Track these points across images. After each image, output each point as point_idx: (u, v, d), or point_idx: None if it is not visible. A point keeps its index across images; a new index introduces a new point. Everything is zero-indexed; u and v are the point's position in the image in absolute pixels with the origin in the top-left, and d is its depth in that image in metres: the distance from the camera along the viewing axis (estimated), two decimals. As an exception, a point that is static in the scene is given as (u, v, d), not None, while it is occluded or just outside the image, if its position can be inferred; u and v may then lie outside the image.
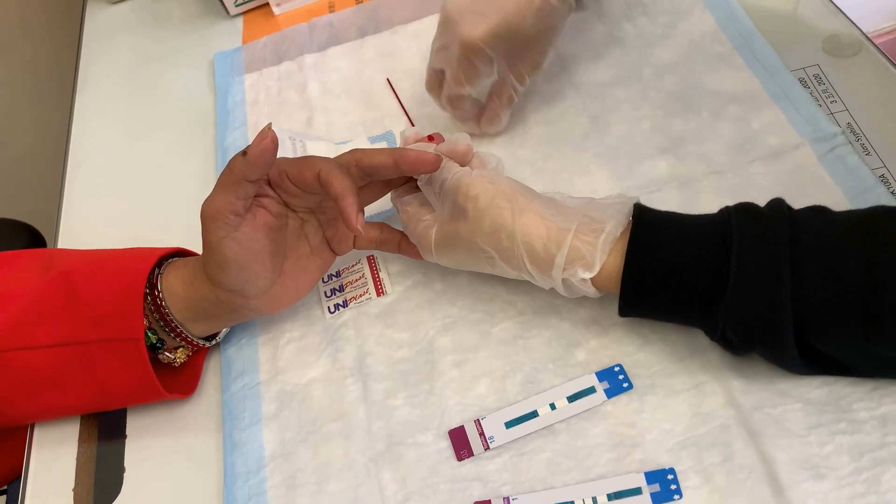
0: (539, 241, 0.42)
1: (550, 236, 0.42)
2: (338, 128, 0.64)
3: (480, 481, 0.43)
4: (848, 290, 0.36)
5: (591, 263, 0.41)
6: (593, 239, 0.41)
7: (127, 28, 0.82)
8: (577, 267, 0.41)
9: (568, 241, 0.41)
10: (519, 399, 0.45)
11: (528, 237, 0.42)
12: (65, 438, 0.51)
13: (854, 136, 0.53)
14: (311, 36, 0.72)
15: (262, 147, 0.41)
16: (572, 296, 0.44)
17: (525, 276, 0.44)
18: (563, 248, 0.41)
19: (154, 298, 0.46)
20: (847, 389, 0.41)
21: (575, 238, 0.42)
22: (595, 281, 0.42)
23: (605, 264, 0.41)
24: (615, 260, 0.41)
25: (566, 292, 0.44)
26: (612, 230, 0.41)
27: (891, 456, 0.39)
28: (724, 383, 0.43)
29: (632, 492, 0.41)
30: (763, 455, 0.40)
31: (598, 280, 0.42)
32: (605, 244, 0.41)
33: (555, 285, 0.43)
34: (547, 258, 0.42)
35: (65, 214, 0.66)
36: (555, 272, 0.42)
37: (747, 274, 0.38)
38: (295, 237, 0.48)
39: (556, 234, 0.42)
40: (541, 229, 0.42)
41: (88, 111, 0.75)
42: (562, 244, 0.41)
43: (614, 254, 0.41)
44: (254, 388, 0.50)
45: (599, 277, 0.42)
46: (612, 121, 0.57)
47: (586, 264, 0.41)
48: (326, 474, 0.45)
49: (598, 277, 0.42)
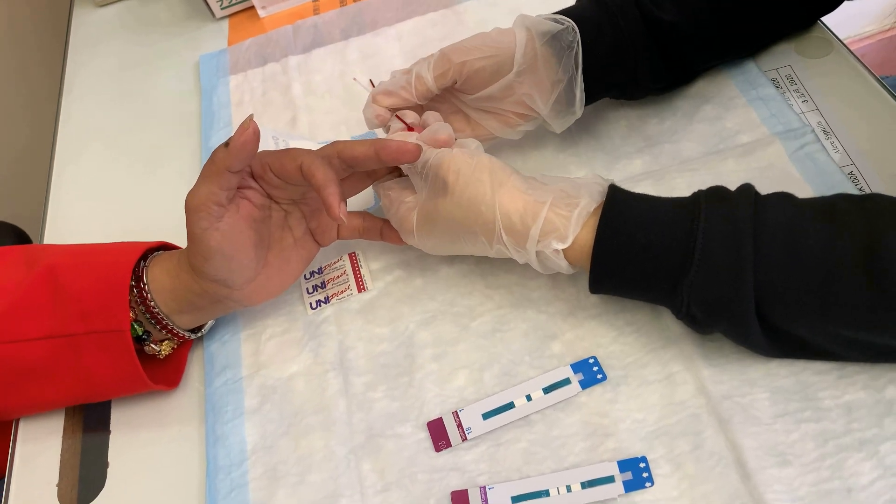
0: (516, 214, 0.43)
1: (527, 209, 0.43)
2: (321, 128, 0.65)
3: (458, 471, 0.44)
4: (808, 270, 0.38)
5: (564, 235, 0.42)
6: (567, 212, 0.43)
7: (113, 31, 0.83)
8: (551, 239, 0.43)
9: (543, 214, 0.43)
10: (496, 391, 0.46)
11: (505, 209, 0.43)
12: (49, 433, 0.52)
13: (825, 135, 0.54)
14: (296, 38, 0.73)
15: (243, 138, 0.42)
16: (546, 271, 0.45)
17: (502, 250, 0.45)
18: (539, 220, 0.43)
19: (140, 291, 0.47)
20: (813, 378, 0.42)
21: (550, 211, 0.43)
22: (567, 254, 0.43)
23: (577, 238, 0.42)
24: (587, 235, 0.42)
25: (540, 267, 0.45)
26: (587, 205, 0.43)
27: (854, 442, 0.40)
28: (695, 373, 0.44)
29: (605, 480, 0.42)
30: (732, 442, 0.41)
31: (570, 253, 0.43)
32: (578, 217, 0.42)
33: (529, 258, 0.44)
34: (523, 230, 0.43)
35: (51, 216, 0.67)
36: (529, 244, 0.43)
37: (711, 252, 0.39)
38: (278, 228, 0.49)
39: (532, 207, 0.43)
40: (518, 203, 0.43)
41: (75, 113, 0.75)
42: (537, 217, 0.43)
43: (587, 228, 0.42)
44: (236, 383, 0.51)
45: (572, 250, 0.43)
46: (590, 121, 0.58)
47: (560, 236, 0.42)
48: (307, 466, 0.46)
49: (570, 250, 0.43)
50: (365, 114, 0.52)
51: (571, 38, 0.49)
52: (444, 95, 0.53)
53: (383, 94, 0.51)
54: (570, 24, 0.50)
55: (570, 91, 0.51)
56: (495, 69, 0.50)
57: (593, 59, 0.50)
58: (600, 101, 0.56)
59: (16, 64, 1.08)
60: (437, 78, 0.50)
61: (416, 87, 0.51)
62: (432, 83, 0.50)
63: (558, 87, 0.50)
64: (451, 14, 0.71)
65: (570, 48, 0.49)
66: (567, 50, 0.49)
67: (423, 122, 0.52)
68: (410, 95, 0.51)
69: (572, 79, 0.50)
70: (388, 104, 0.51)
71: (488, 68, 0.50)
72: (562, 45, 0.50)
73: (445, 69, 0.50)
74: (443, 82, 0.50)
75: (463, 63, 0.50)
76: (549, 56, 0.50)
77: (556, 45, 0.50)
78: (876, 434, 0.40)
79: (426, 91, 0.51)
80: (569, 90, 0.50)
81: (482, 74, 0.50)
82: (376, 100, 0.52)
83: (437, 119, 0.52)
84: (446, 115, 0.54)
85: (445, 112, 0.54)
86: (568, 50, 0.49)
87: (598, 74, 0.51)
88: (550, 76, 0.50)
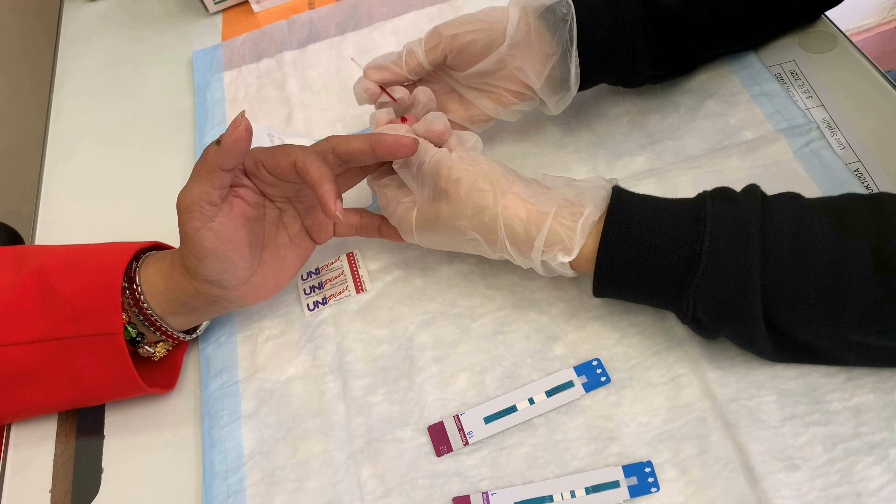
0: (520, 224, 0.42)
1: (531, 219, 0.42)
2: (317, 124, 0.64)
3: (459, 476, 0.43)
4: (816, 273, 0.37)
5: (569, 248, 0.42)
6: (572, 223, 0.42)
7: (105, 26, 0.82)
8: (556, 251, 0.42)
9: (547, 225, 0.42)
10: (498, 394, 0.46)
11: (509, 219, 0.43)
12: (42, 438, 0.51)
13: (830, 131, 0.53)
14: (291, 33, 0.72)
15: (235, 135, 0.41)
16: (550, 275, 0.45)
17: (506, 256, 0.45)
18: (543, 231, 0.42)
19: (132, 292, 0.46)
20: (821, 381, 0.42)
21: (554, 221, 0.42)
22: (573, 262, 0.43)
23: (582, 247, 0.42)
24: (593, 242, 0.42)
25: (544, 272, 0.44)
26: (591, 214, 0.42)
27: (863, 446, 0.39)
28: (700, 376, 0.43)
29: (609, 485, 0.41)
30: (738, 446, 0.41)
31: (575, 262, 0.42)
32: (583, 228, 0.41)
33: (534, 266, 0.44)
34: (527, 240, 0.42)
35: (42, 213, 0.66)
36: (534, 254, 0.43)
37: (718, 254, 0.38)
38: (273, 227, 0.48)
39: (535, 217, 0.42)
40: (521, 212, 0.43)
41: (66, 109, 0.74)
42: (541, 227, 0.42)
43: (592, 236, 0.42)
44: (232, 387, 0.50)
45: (577, 259, 0.42)
46: (592, 118, 0.57)
47: (565, 248, 0.42)
48: (305, 471, 0.45)
49: (575, 259, 0.42)
50: (355, 88, 0.52)
51: (566, 11, 0.49)
52: (436, 75, 0.53)
53: (374, 68, 0.51)
54: None
55: (564, 66, 0.50)
56: (487, 42, 0.49)
57: (591, 41, 0.49)
58: (601, 97, 0.55)
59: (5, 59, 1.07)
60: (429, 52, 0.50)
61: (408, 62, 0.50)
62: (423, 58, 0.50)
63: (551, 59, 0.49)
64: (448, 8, 0.70)
65: (563, 21, 0.49)
66: (561, 23, 0.49)
67: (413, 97, 0.51)
68: (401, 70, 0.50)
69: (566, 52, 0.49)
70: (379, 79, 0.51)
71: (480, 42, 0.49)
72: (556, 17, 0.49)
73: (436, 43, 0.50)
74: (434, 56, 0.50)
75: (454, 36, 0.49)
76: (542, 29, 0.49)
77: (550, 18, 0.49)
78: (885, 438, 0.40)
79: (417, 66, 0.50)
80: (563, 65, 0.50)
81: (474, 48, 0.49)
82: (367, 74, 0.51)
83: (428, 95, 0.51)
84: (439, 96, 0.53)
85: (438, 93, 0.53)
86: (562, 23, 0.49)
87: (595, 57, 0.50)
88: (544, 49, 0.49)
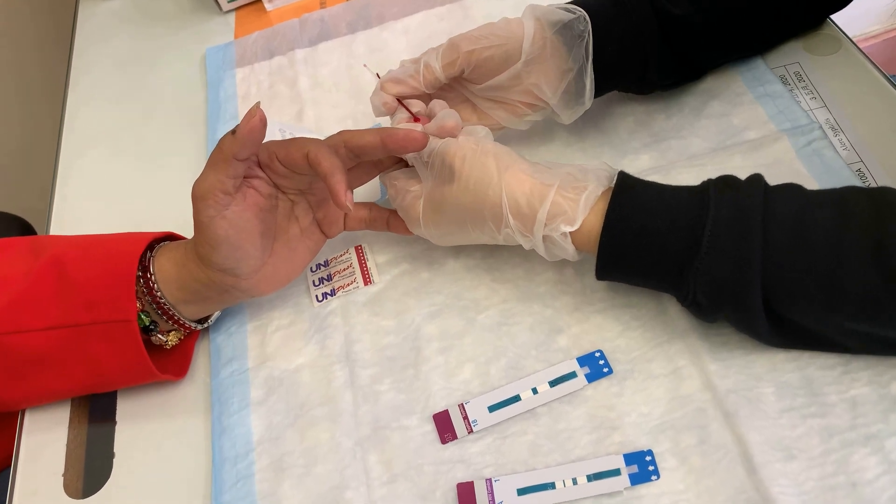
0: (523, 197, 0.43)
1: (534, 192, 0.43)
2: (328, 121, 0.65)
3: (464, 463, 0.44)
4: (815, 260, 0.38)
5: (572, 218, 0.42)
6: (575, 196, 0.42)
7: (119, 24, 0.83)
8: (558, 222, 0.42)
9: (551, 196, 0.43)
10: (502, 384, 0.46)
11: (512, 192, 0.43)
12: (55, 424, 0.52)
13: (832, 132, 0.54)
14: (302, 31, 0.73)
15: (250, 125, 0.42)
16: (552, 258, 0.45)
17: (510, 235, 0.45)
18: (546, 202, 0.42)
19: (146, 281, 0.47)
20: (818, 373, 0.43)
21: (557, 194, 0.43)
22: (575, 239, 0.43)
23: (585, 222, 0.42)
24: (595, 220, 0.42)
25: (546, 253, 0.45)
26: (594, 189, 0.43)
27: (860, 438, 0.40)
28: (700, 367, 0.44)
29: (611, 473, 0.42)
30: (738, 436, 0.41)
31: (577, 238, 0.43)
32: (587, 200, 0.42)
33: (535, 243, 0.44)
34: (530, 213, 0.43)
35: (56, 208, 0.67)
36: (536, 227, 0.43)
37: (720, 238, 0.39)
38: (285, 219, 0.49)
39: (539, 190, 0.43)
40: (525, 185, 0.43)
41: (81, 106, 0.75)
42: (545, 199, 0.43)
43: (594, 213, 0.42)
44: (242, 374, 0.51)
45: (579, 235, 0.43)
46: (597, 116, 0.58)
47: (568, 219, 0.42)
48: (313, 457, 0.46)
49: (577, 235, 0.43)
50: (372, 101, 0.52)
51: (583, 28, 0.49)
52: (451, 85, 0.54)
53: (391, 81, 0.52)
54: (581, 13, 0.50)
55: (579, 81, 0.50)
56: (504, 58, 0.50)
57: (604, 52, 0.50)
58: (608, 95, 0.56)
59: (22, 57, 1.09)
60: (446, 67, 0.50)
61: (425, 76, 0.51)
62: (440, 72, 0.51)
63: (567, 76, 0.50)
64: (457, 8, 0.71)
65: (580, 38, 0.49)
66: (577, 39, 0.49)
67: (429, 111, 0.52)
68: (419, 84, 0.51)
69: (582, 69, 0.50)
70: (396, 92, 0.52)
71: (497, 57, 0.50)
72: (573, 34, 0.49)
73: (454, 58, 0.50)
74: (451, 71, 0.51)
75: (471, 52, 0.50)
76: (558, 45, 0.50)
77: (566, 35, 0.50)
78: (881, 429, 0.40)
79: (434, 80, 0.51)
80: (578, 80, 0.50)
81: (490, 63, 0.50)
82: (384, 87, 0.52)
83: (444, 107, 0.52)
84: (454, 105, 0.54)
85: (453, 102, 0.54)
86: (578, 39, 0.49)
87: (607, 67, 0.51)
88: (560, 65, 0.50)
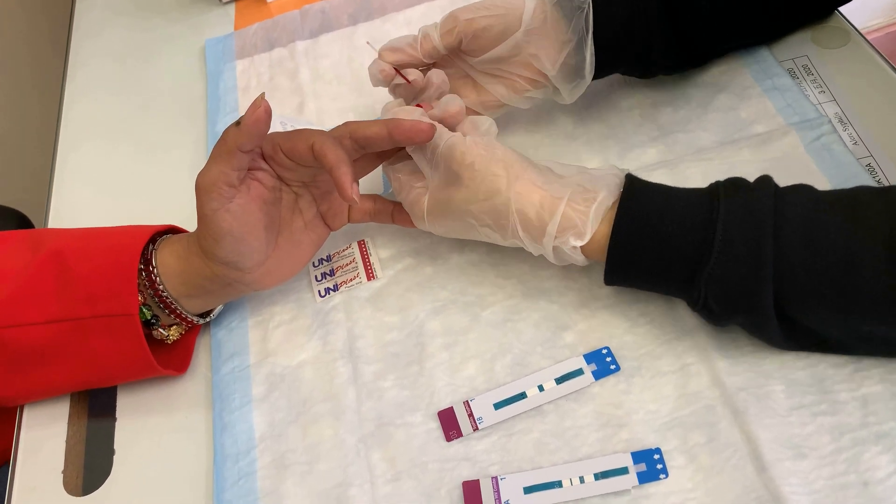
0: (532, 209, 0.43)
1: (544, 204, 0.43)
2: (328, 113, 0.64)
3: (469, 461, 0.44)
4: (828, 263, 0.37)
5: (582, 232, 0.42)
6: (585, 208, 0.42)
7: (118, 15, 0.82)
8: (568, 235, 0.42)
9: (560, 210, 0.42)
10: (508, 381, 0.46)
11: (521, 205, 0.43)
12: (54, 420, 0.51)
13: (841, 126, 0.53)
14: (303, 23, 0.72)
15: (255, 116, 0.41)
16: (561, 263, 0.45)
17: (517, 243, 0.45)
18: (556, 216, 0.42)
19: (148, 274, 0.46)
20: (829, 371, 0.42)
21: (567, 206, 0.42)
22: (584, 249, 0.43)
23: (595, 233, 0.42)
24: (604, 228, 0.42)
25: (555, 260, 0.44)
26: (604, 200, 0.42)
27: (871, 436, 0.40)
28: (709, 364, 0.44)
29: (618, 471, 0.41)
30: (747, 434, 0.41)
31: (587, 248, 0.43)
32: (596, 213, 0.42)
33: (545, 252, 0.44)
34: (539, 226, 0.43)
35: (54, 202, 0.66)
36: (546, 240, 0.43)
37: (731, 243, 0.38)
38: (289, 211, 0.49)
39: (549, 203, 0.43)
40: (534, 197, 0.43)
41: (79, 98, 0.74)
42: (554, 212, 0.42)
43: (604, 222, 0.42)
44: (244, 371, 0.50)
45: (589, 245, 0.42)
46: (603, 109, 0.58)
47: (577, 233, 0.42)
48: (316, 454, 0.46)
49: (587, 245, 0.42)
50: (370, 70, 0.53)
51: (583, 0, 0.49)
52: (450, 60, 0.53)
53: (389, 50, 0.52)
54: None
55: (579, 54, 0.50)
56: (503, 28, 0.50)
57: (607, 29, 0.50)
58: (613, 89, 0.55)
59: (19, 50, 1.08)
60: (444, 35, 0.50)
61: (423, 45, 0.51)
62: (439, 41, 0.51)
63: (567, 47, 0.49)
64: (459, 0, 0.70)
65: (580, 9, 0.49)
66: (577, 11, 0.49)
67: (426, 79, 0.52)
68: (416, 52, 0.51)
69: (581, 41, 0.49)
70: (394, 60, 0.52)
71: (495, 27, 0.50)
72: (572, 5, 0.49)
73: (452, 27, 0.50)
74: (449, 40, 0.51)
75: (470, 20, 0.50)
76: (558, 17, 0.49)
77: (566, 6, 0.49)
78: (893, 428, 0.40)
79: (432, 49, 0.51)
80: (578, 53, 0.50)
81: (489, 33, 0.50)
82: (382, 55, 0.52)
83: (441, 77, 0.52)
84: (453, 81, 0.54)
85: (452, 77, 0.54)
86: (578, 11, 0.49)
87: (610, 45, 0.50)
88: (559, 36, 0.50)
